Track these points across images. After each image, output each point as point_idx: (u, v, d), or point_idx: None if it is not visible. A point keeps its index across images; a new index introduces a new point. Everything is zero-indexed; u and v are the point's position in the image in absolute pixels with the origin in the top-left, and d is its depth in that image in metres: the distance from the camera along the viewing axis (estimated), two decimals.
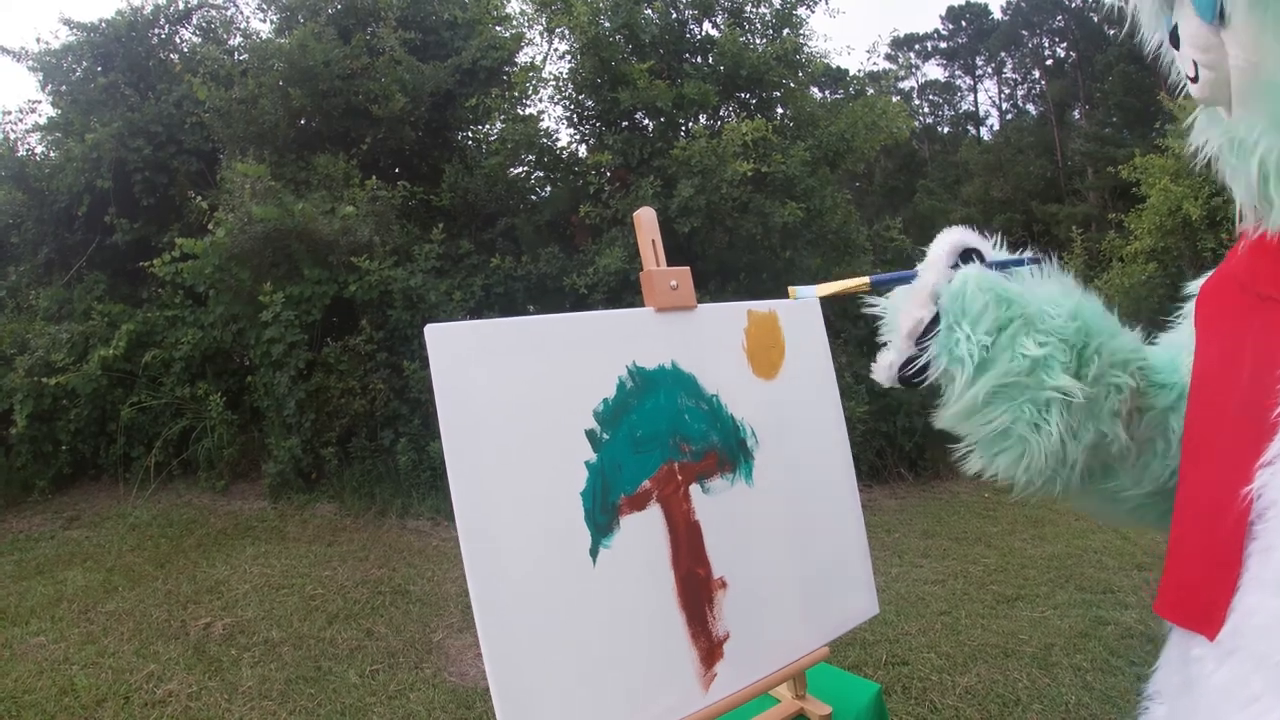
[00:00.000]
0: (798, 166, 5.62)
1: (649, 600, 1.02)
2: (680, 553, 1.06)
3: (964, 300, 0.87)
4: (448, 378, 0.90)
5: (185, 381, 6.30)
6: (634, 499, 1.02)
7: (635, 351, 1.07)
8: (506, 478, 0.92)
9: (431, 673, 3.30)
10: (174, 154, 6.84)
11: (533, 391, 0.96)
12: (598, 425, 1.01)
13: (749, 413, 1.21)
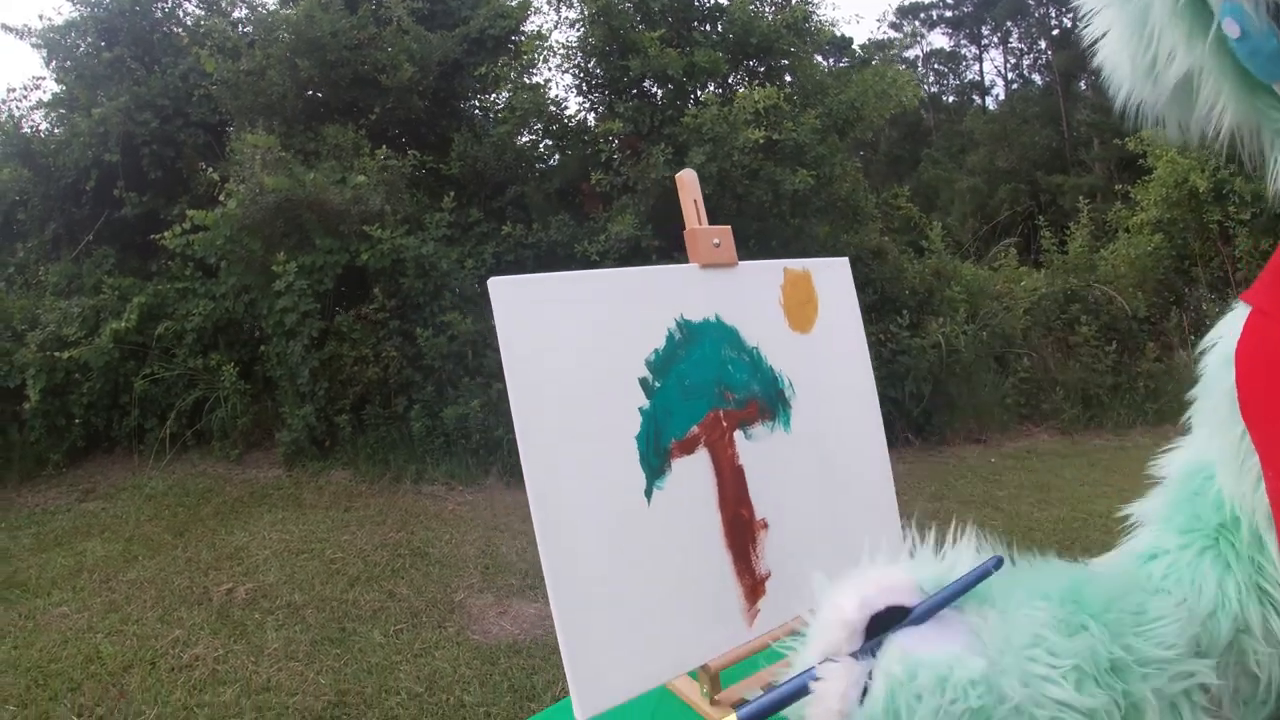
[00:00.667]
0: (808, 134, 5.64)
1: (699, 539, 1.08)
2: (726, 495, 1.12)
3: None
4: (511, 329, 0.95)
5: (198, 353, 6.36)
6: (684, 443, 1.08)
7: (682, 305, 1.12)
8: (568, 422, 0.97)
9: (455, 631, 3.39)
10: (181, 127, 6.85)
11: (590, 341, 1.01)
12: (650, 374, 1.06)
13: (786, 365, 1.26)
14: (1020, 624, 0.56)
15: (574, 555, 0.95)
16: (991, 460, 6.07)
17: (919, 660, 0.53)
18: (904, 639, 0.55)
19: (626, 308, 1.06)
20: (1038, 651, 0.55)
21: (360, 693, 2.93)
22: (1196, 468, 0.67)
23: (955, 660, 0.53)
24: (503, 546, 4.35)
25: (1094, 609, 0.58)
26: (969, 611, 0.58)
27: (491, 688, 2.93)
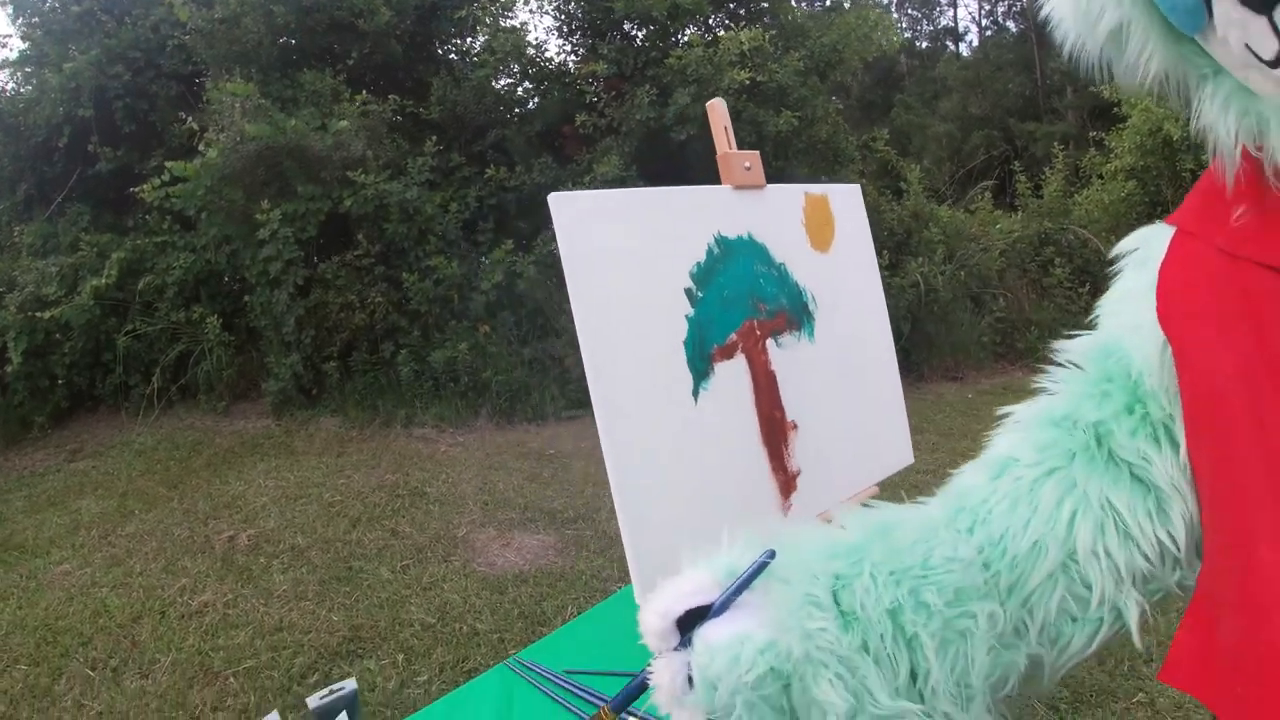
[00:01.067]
0: (791, 76, 5.66)
1: (739, 437, 1.18)
2: (761, 397, 1.21)
3: (722, 697, 0.66)
4: (571, 241, 1.02)
5: (179, 306, 6.31)
6: (724, 349, 1.17)
7: (719, 223, 1.20)
8: (625, 327, 1.05)
9: (460, 564, 3.49)
10: (153, 79, 6.71)
11: (642, 253, 1.09)
12: (694, 284, 1.14)
13: (808, 280, 1.35)
14: (795, 588, 0.68)
15: (633, 448, 1.04)
16: (969, 396, 6.25)
17: (715, 647, 0.66)
18: (705, 631, 0.68)
19: (672, 223, 1.14)
20: (810, 609, 0.66)
21: (374, 626, 3.01)
22: (1079, 400, 0.71)
23: (744, 637, 0.65)
24: (500, 483, 4.45)
25: (874, 560, 0.69)
26: (759, 590, 0.69)
27: (502, 615, 3.04)
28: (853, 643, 0.67)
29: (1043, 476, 0.69)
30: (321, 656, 2.84)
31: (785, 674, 0.66)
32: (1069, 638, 0.69)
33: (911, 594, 0.68)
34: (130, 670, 2.82)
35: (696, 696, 0.67)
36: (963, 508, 0.73)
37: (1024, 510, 0.69)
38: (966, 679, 0.68)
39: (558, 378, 5.87)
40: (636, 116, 5.54)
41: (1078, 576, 0.67)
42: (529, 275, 5.91)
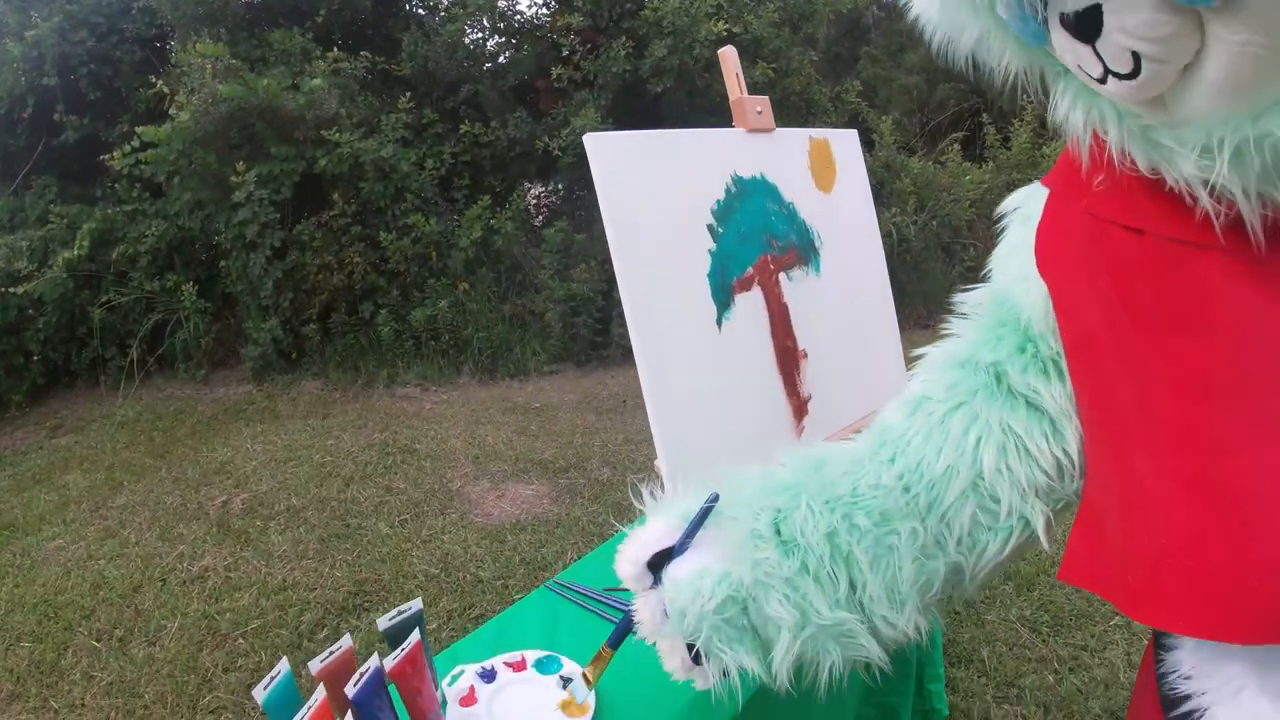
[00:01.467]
0: (766, 28, 5.67)
1: (758, 363, 1.26)
2: (776, 327, 1.29)
3: (691, 622, 0.82)
4: (607, 178, 1.09)
5: (153, 275, 6.19)
6: (743, 281, 1.25)
7: (736, 164, 1.27)
8: (657, 259, 1.13)
9: (458, 516, 3.56)
10: (117, 44, 6.50)
11: (669, 191, 1.16)
12: (714, 221, 1.21)
13: (814, 218, 1.43)
14: (742, 524, 0.83)
15: (666, 372, 1.12)
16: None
17: (680, 582, 0.83)
18: (671, 569, 0.85)
19: (694, 164, 1.21)
20: (755, 541, 0.82)
21: (378, 580, 3.06)
22: (977, 344, 0.82)
23: (703, 571, 0.82)
24: (489, 437, 4.51)
25: (809, 493, 0.83)
26: (712, 529, 0.86)
27: (504, 563, 3.13)
28: (793, 566, 0.81)
29: (951, 410, 0.80)
30: (329, 612, 2.89)
31: (741, 598, 0.81)
32: (984, 545, 0.80)
33: (845, 519, 0.81)
34: (137, 639, 2.83)
35: (672, 626, 0.83)
36: (884, 441, 0.84)
37: (936, 439, 0.80)
38: (897, 586, 0.81)
39: (539, 333, 5.92)
40: (613, 69, 5.52)
41: (986, 492, 0.78)
42: (506, 231, 5.91)
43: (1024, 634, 2.49)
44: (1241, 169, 0.55)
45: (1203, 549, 0.61)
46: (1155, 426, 0.65)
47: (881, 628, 0.83)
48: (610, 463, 4.03)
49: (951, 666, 2.33)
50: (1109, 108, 0.62)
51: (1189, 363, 0.63)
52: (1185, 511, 0.62)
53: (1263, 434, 0.59)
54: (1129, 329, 0.66)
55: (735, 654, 0.83)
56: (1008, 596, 2.68)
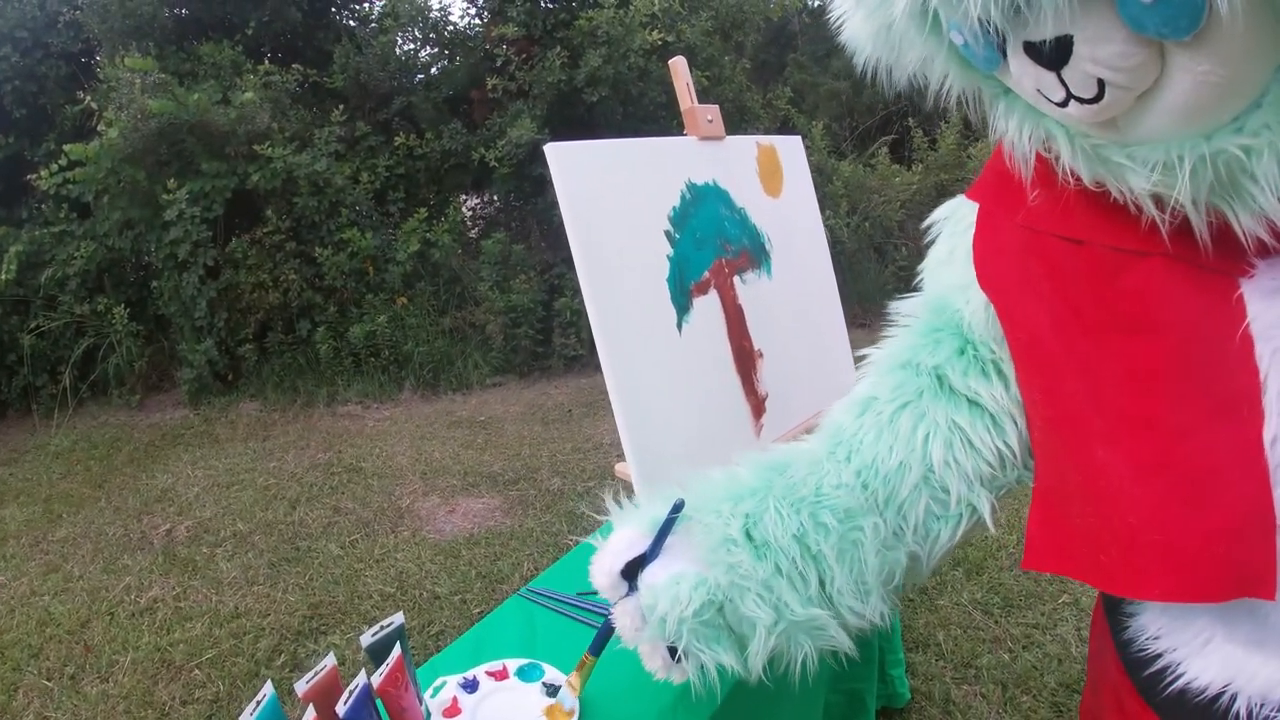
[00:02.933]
0: (699, 36, 5.74)
1: (717, 364, 1.29)
2: (733, 328, 1.33)
3: (670, 627, 0.87)
4: (568, 186, 1.11)
5: (83, 298, 5.95)
6: (700, 285, 1.28)
7: (689, 171, 1.31)
8: (619, 266, 1.15)
9: (409, 534, 3.51)
10: (42, 59, 6.26)
11: (629, 199, 1.19)
12: (672, 227, 1.24)
13: (764, 223, 1.47)
14: (714, 530, 0.87)
15: (633, 377, 1.15)
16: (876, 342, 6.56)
17: (657, 589, 0.87)
18: (646, 575, 0.89)
19: (651, 171, 1.24)
20: (728, 546, 0.86)
21: (333, 602, 3.00)
22: (917, 348, 0.88)
23: (679, 577, 0.87)
24: (435, 452, 4.46)
25: (774, 495, 0.88)
26: (682, 533, 0.90)
27: (460, 577, 3.10)
28: (767, 568, 0.85)
29: (898, 409, 0.85)
30: (285, 637, 2.83)
31: (717, 601, 0.86)
32: (937, 533, 0.86)
33: (811, 518, 0.85)
34: (89, 675, 2.74)
35: (651, 631, 0.88)
36: (839, 441, 0.89)
37: (887, 438, 0.85)
38: (863, 579, 0.86)
39: (480, 345, 5.87)
40: (547, 79, 5.52)
41: (937, 484, 0.84)
42: (444, 244, 5.86)
43: (977, 616, 2.58)
44: (1195, 183, 0.59)
45: (1169, 524, 0.67)
46: (1111, 419, 0.70)
47: (849, 618, 0.88)
48: (560, 472, 4.02)
49: (910, 651, 2.40)
50: (1057, 128, 0.66)
51: (1138, 360, 0.68)
52: (1149, 493, 0.68)
53: (1210, 418, 0.65)
54: (1076, 332, 0.71)
55: (714, 653, 0.87)
56: (958, 581, 2.77)
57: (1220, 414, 0.65)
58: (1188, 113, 0.57)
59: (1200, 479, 0.65)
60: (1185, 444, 0.66)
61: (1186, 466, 0.66)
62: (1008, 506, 0.91)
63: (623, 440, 1.13)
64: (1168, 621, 0.74)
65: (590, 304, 1.10)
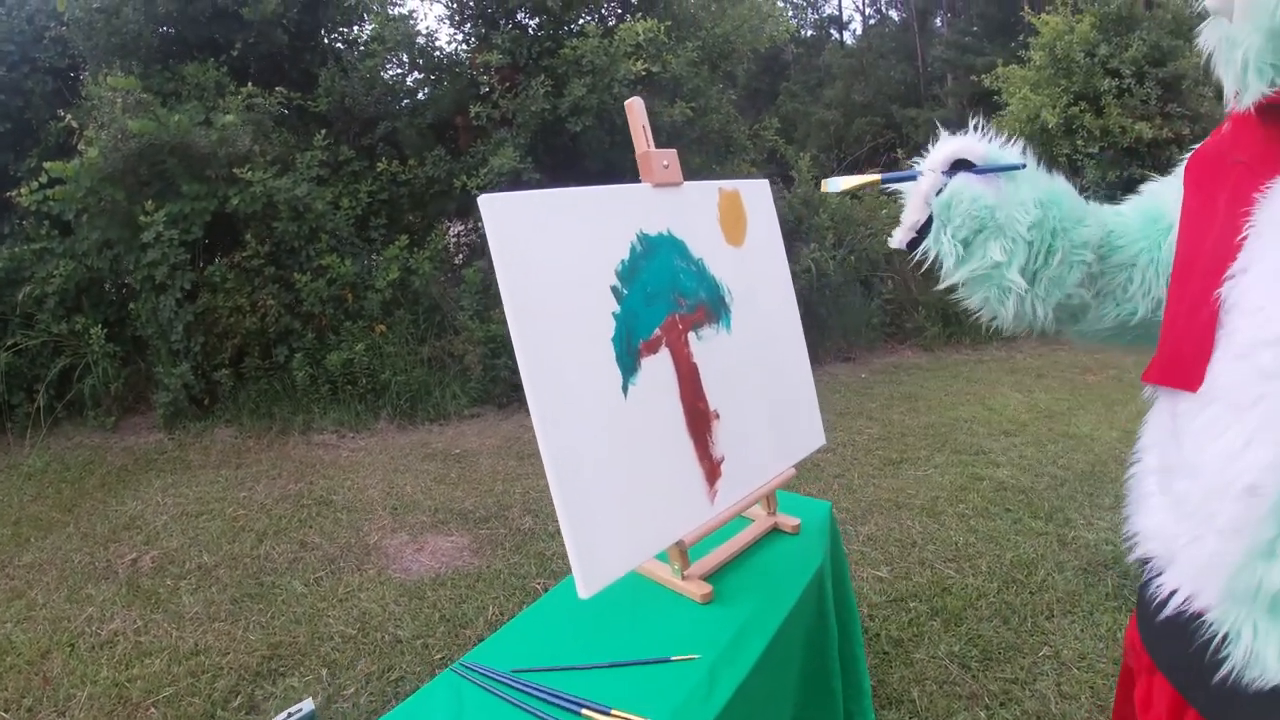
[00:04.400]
0: (685, 67, 5.72)
1: (667, 428, 1.21)
2: (685, 389, 1.25)
3: (949, 211, 1.14)
4: (502, 241, 1.03)
5: (61, 317, 5.87)
6: (649, 343, 1.20)
7: (641, 221, 1.23)
8: (557, 326, 1.07)
9: (375, 572, 3.41)
10: (28, 74, 6.22)
11: (570, 252, 1.11)
12: (619, 282, 1.17)
13: (725, 274, 1.40)
14: (1022, 194, 1.12)
15: (571, 446, 1.06)
16: (862, 376, 6.50)
17: (966, 186, 1.13)
18: (964, 176, 1.14)
19: (596, 222, 1.16)
20: (1023, 206, 1.11)
21: (293, 643, 2.91)
22: (1154, 198, 1.17)
23: (983, 193, 1.12)
24: (407, 486, 4.37)
25: (1062, 206, 1.14)
26: (1004, 178, 1.14)
27: (423, 621, 2.99)
28: (1027, 236, 1.11)
29: (1136, 224, 1.15)
30: (243, 678, 2.74)
31: (985, 221, 1.11)
32: (1107, 308, 1.16)
33: (1068, 230, 1.12)
34: (46, 709, 2.65)
35: (940, 200, 1.14)
36: (1100, 212, 1.18)
37: (1123, 229, 1.15)
38: (1062, 283, 1.13)
39: (458, 375, 5.79)
40: (531, 108, 5.48)
41: (1132, 275, 1.13)
42: (424, 272, 5.79)
43: (954, 670, 2.49)
44: None
45: (1171, 326, 0.99)
46: (1198, 271, 0.95)
47: (1027, 301, 1.14)
48: (532, 511, 3.92)
49: (882, 710, 2.31)
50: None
51: (1223, 243, 0.91)
52: (1180, 306, 0.97)
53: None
54: (1207, 214, 0.96)
55: (948, 240, 1.14)
56: (935, 633, 2.68)
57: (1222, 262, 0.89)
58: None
59: (1194, 296, 0.92)
60: (1200, 280, 0.92)
61: (1193, 289, 0.93)
62: (982, 555, 0.91)
63: (559, 515, 1.05)
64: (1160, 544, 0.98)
65: (525, 370, 1.03)
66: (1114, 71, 7.88)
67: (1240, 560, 0.82)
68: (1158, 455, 1.03)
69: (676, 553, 1.28)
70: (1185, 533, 0.91)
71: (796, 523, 1.48)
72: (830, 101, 20.30)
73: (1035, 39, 8.45)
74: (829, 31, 28.25)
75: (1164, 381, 0.98)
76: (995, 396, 5.57)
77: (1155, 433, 1.05)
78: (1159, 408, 1.04)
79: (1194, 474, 0.90)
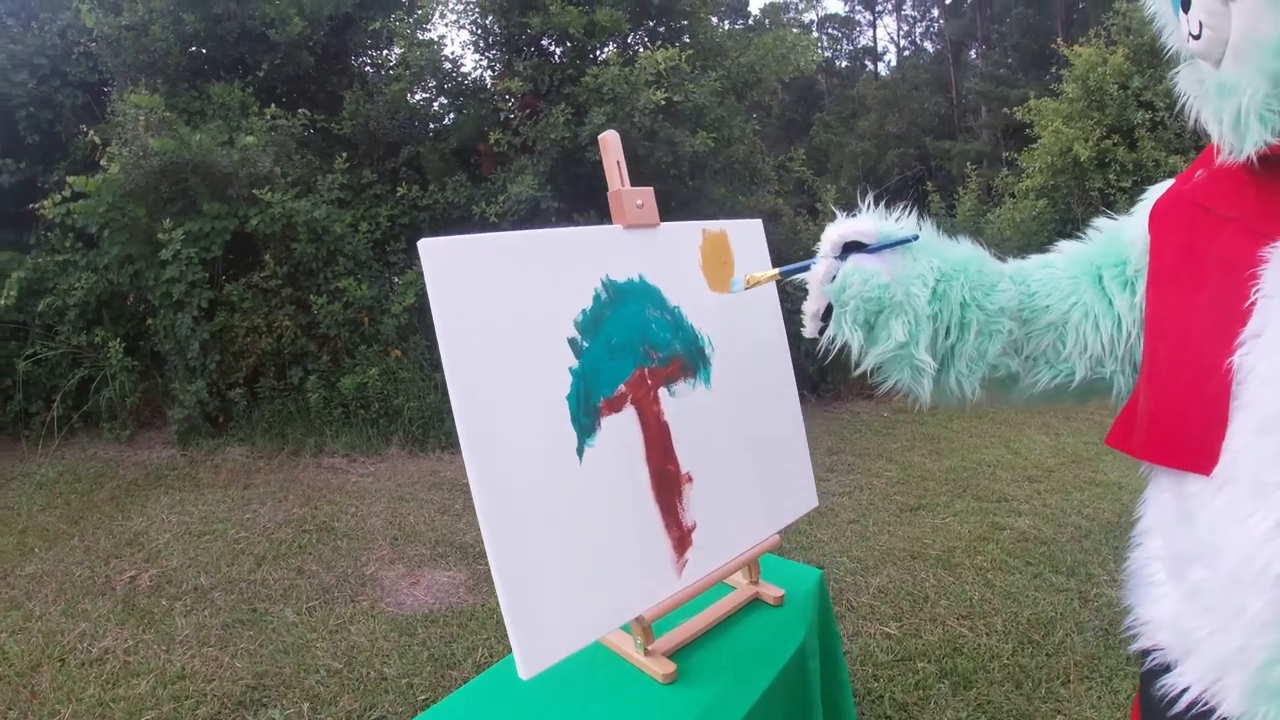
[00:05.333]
0: (708, 96, 5.65)
1: (629, 494, 1.10)
2: (653, 450, 1.15)
3: (843, 294, 1.08)
4: (443, 290, 0.94)
5: (81, 329, 5.94)
6: (612, 401, 1.10)
7: (608, 265, 1.14)
8: (500, 384, 0.98)
9: (369, 605, 3.34)
10: (58, 87, 6.34)
11: (521, 302, 1.02)
12: (579, 334, 1.07)
13: (706, 323, 1.29)
14: (918, 266, 1.08)
15: (512, 516, 0.96)
16: (884, 415, 6.33)
17: (857, 268, 1.07)
18: (857, 258, 1.09)
19: (555, 268, 1.07)
20: (920, 280, 1.07)
21: (279, 674, 2.85)
22: (1096, 252, 1.12)
23: (875, 273, 1.07)
24: (410, 516, 4.29)
25: (968, 273, 1.09)
26: (899, 253, 1.09)
27: (411, 658, 2.91)
28: (929, 310, 1.07)
29: (1066, 277, 1.11)
30: (225, 707, 2.68)
31: (884, 303, 1.07)
32: (1040, 373, 1.12)
33: (978, 299, 1.08)
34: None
35: (832, 287, 1.09)
36: (1019, 271, 1.15)
37: (1050, 287, 1.11)
38: (983, 357, 1.09)
39: None
40: (551, 135, 5.44)
41: (1064, 335, 1.09)
42: None
43: None
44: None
45: (1161, 395, 0.92)
46: (1173, 329, 0.92)
47: (950, 379, 1.12)
48: None
49: None
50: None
51: (1196, 299, 0.88)
52: (1164, 376, 0.92)
53: (1222, 332, 0.84)
54: (1186, 276, 0.91)
55: (848, 325, 1.09)
56: (943, 697, 2.53)
57: (1227, 327, 0.82)
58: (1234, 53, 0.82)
59: (1196, 366, 0.85)
60: (1200, 347, 0.86)
61: (1193, 358, 0.86)
62: (998, 612, 0.83)
63: (497, 587, 0.95)
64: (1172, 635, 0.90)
65: (462, 433, 0.93)
66: (1148, 104, 7.69)
67: (1272, 654, 0.75)
68: (1164, 540, 0.95)
69: (639, 626, 1.17)
70: (1205, 625, 0.83)
71: (780, 593, 1.36)
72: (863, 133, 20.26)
73: (1068, 71, 8.30)
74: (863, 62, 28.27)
75: (1170, 463, 0.90)
76: (1021, 439, 5.39)
77: (1158, 514, 0.97)
78: (1160, 486, 0.96)
79: (1212, 561, 0.82)
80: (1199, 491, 0.84)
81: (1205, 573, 0.83)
